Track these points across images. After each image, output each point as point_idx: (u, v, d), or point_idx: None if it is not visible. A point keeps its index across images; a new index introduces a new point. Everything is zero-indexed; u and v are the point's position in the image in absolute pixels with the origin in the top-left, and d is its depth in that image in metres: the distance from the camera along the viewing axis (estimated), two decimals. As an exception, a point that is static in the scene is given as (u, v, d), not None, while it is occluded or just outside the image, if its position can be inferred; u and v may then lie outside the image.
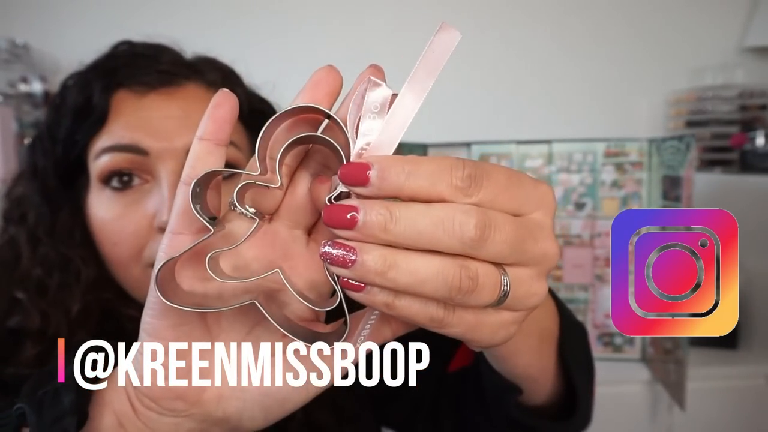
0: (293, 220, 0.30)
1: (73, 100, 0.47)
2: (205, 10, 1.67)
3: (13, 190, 0.53)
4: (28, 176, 0.51)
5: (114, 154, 0.46)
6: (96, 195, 0.48)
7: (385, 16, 1.71)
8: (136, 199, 0.47)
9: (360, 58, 1.75)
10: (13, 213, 0.51)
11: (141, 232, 0.47)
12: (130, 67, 0.47)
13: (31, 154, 0.51)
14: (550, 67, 1.74)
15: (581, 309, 1.30)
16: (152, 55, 0.48)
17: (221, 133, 0.28)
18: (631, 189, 1.26)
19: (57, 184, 0.50)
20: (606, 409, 1.26)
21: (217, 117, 0.28)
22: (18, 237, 0.49)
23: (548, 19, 1.73)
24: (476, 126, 1.71)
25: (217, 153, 0.28)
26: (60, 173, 0.50)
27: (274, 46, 1.69)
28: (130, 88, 0.47)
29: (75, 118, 0.47)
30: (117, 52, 0.49)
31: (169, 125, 0.46)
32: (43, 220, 0.49)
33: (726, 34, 1.73)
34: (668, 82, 1.73)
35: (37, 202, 0.50)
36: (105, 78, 0.47)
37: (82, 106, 0.47)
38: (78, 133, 0.47)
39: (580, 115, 1.74)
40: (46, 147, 0.50)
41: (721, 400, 1.23)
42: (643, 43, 1.73)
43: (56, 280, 0.48)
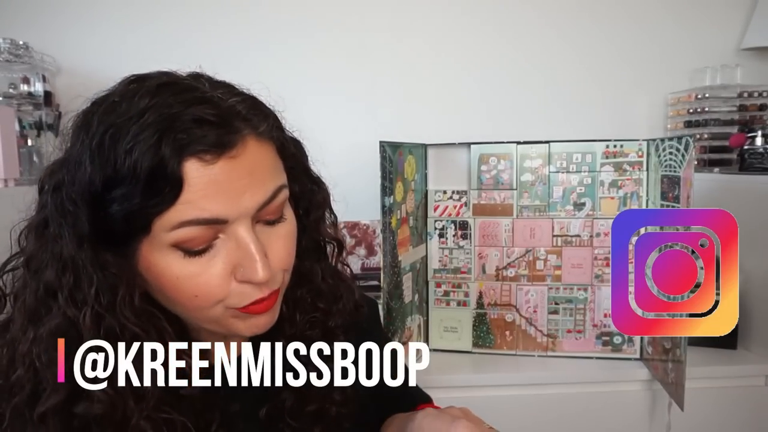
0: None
1: (141, 168, 0.44)
2: (204, 12, 1.67)
3: (44, 254, 0.49)
4: (70, 243, 0.48)
5: (193, 228, 0.47)
6: (168, 256, 0.48)
7: (386, 15, 1.71)
8: (213, 255, 0.49)
9: (360, 58, 1.75)
10: (58, 284, 0.48)
11: (222, 285, 0.49)
12: (194, 135, 0.46)
13: (65, 216, 0.48)
14: (550, 68, 1.74)
15: (581, 309, 1.31)
16: (214, 122, 0.47)
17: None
18: (630, 189, 1.26)
19: (109, 248, 0.48)
20: (605, 408, 1.27)
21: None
22: (75, 315, 0.47)
23: (548, 21, 1.73)
24: (476, 126, 1.71)
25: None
26: (111, 236, 0.48)
27: (274, 45, 1.69)
28: (199, 157, 0.46)
29: (146, 189, 0.45)
30: (173, 111, 0.46)
31: (240, 189, 0.47)
32: (104, 292, 0.48)
33: (725, 34, 1.74)
34: (667, 83, 1.74)
35: (93, 274, 0.48)
36: (173, 147, 0.45)
37: (152, 176, 0.45)
38: (150, 204, 0.46)
39: (579, 115, 1.74)
40: (91, 210, 0.47)
41: (720, 399, 1.24)
42: (642, 44, 1.74)
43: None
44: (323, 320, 0.60)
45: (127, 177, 0.45)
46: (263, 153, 0.50)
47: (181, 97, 0.47)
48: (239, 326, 0.52)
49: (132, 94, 0.48)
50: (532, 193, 1.30)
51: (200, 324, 0.53)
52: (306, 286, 0.59)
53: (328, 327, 0.60)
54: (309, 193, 0.59)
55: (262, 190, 0.49)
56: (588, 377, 1.26)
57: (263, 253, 0.49)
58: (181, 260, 0.48)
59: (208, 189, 0.46)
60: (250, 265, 0.48)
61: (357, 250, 1.73)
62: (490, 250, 1.33)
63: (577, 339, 1.31)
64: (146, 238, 0.48)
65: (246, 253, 0.48)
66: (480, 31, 1.73)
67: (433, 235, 1.36)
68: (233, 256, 0.49)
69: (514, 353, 1.34)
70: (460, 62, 1.73)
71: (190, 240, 0.47)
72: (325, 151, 0.61)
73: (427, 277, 1.37)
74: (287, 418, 0.57)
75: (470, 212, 1.33)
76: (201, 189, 0.46)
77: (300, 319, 0.59)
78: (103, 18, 1.65)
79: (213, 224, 0.47)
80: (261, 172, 0.49)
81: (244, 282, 0.49)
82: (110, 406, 0.47)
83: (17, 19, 1.62)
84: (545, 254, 1.31)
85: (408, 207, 1.25)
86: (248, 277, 0.49)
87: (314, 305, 0.60)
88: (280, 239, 0.52)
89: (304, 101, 1.68)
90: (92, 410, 0.47)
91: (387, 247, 1.13)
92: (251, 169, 0.48)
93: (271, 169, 0.50)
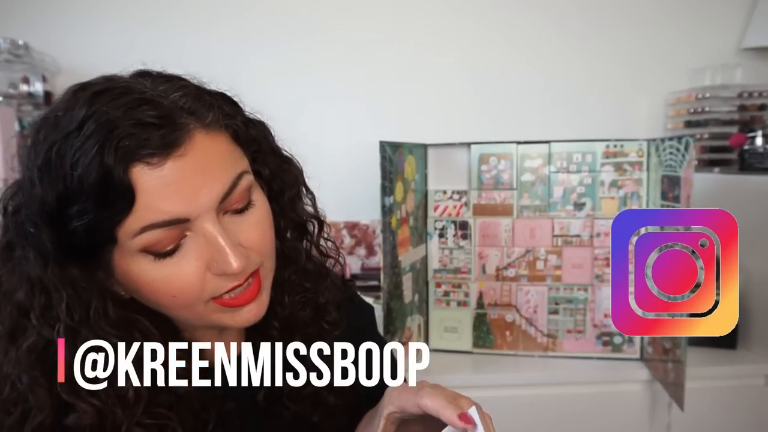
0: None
1: (89, 182, 0.44)
2: (203, 11, 1.67)
3: (12, 276, 0.49)
4: (36, 263, 0.48)
5: (156, 231, 0.46)
6: (137, 261, 0.48)
7: (386, 15, 1.71)
8: (184, 253, 0.48)
9: (361, 58, 1.75)
10: (29, 304, 0.48)
11: (198, 282, 0.49)
12: (137, 140, 0.45)
13: (26, 238, 0.48)
14: (550, 68, 1.74)
15: (581, 309, 1.31)
16: (156, 124, 0.46)
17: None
18: (631, 189, 1.26)
19: (76, 263, 0.48)
20: (605, 408, 1.27)
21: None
22: (50, 333, 0.47)
23: (548, 21, 1.73)
24: (476, 126, 1.71)
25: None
26: (77, 251, 0.48)
27: (274, 45, 1.69)
28: (146, 161, 0.45)
29: (99, 202, 0.45)
30: (111, 118, 0.45)
31: (195, 186, 0.47)
32: (75, 308, 0.48)
33: (725, 34, 1.74)
34: (667, 83, 1.74)
35: (63, 291, 0.48)
36: (117, 156, 0.44)
37: (102, 189, 0.44)
38: (106, 217, 0.45)
39: (579, 115, 1.74)
40: (50, 230, 0.47)
41: (720, 399, 1.24)
42: (642, 44, 1.74)
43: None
44: (313, 298, 0.60)
45: (77, 192, 0.45)
46: (214, 145, 0.49)
47: (119, 102, 0.46)
48: (226, 320, 0.52)
49: (72, 105, 0.47)
50: (532, 193, 1.30)
51: (190, 322, 0.53)
52: (291, 267, 0.59)
53: (320, 304, 0.60)
54: (280, 173, 0.58)
55: (220, 183, 0.48)
56: (588, 377, 1.26)
57: (233, 243, 0.48)
58: (153, 264, 0.48)
59: (161, 191, 0.46)
60: (222, 258, 0.48)
61: (357, 250, 1.73)
62: (490, 250, 1.33)
63: (577, 339, 1.31)
64: (115, 248, 0.48)
65: (216, 247, 0.48)
66: (480, 31, 1.73)
67: (433, 235, 1.36)
68: (204, 251, 0.48)
69: (515, 353, 1.34)
70: (461, 62, 1.73)
71: (157, 243, 0.47)
72: (325, 151, 0.61)
73: (427, 278, 1.37)
74: (286, 400, 0.58)
75: (470, 212, 1.33)
76: (154, 193, 0.45)
77: (290, 300, 0.59)
78: (104, 18, 1.65)
79: (175, 224, 0.47)
80: (214, 165, 0.48)
81: (220, 275, 0.49)
82: (97, 417, 0.47)
83: (17, 19, 1.62)
84: (545, 254, 1.31)
85: (408, 207, 1.25)
86: (223, 270, 0.48)
87: (302, 285, 0.60)
88: (251, 226, 0.51)
89: (305, 101, 1.68)
90: (83, 421, 0.47)
91: (387, 247, 1.13)
92: (204, 164, 0.47)
93: (225, 160, 0.49)
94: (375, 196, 1.11)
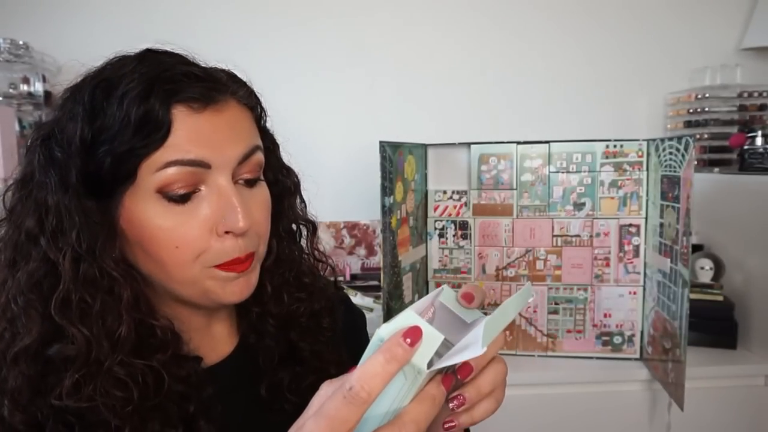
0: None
1: (131, 112, 0.47)
2: (204, 12, 1.67)
3: (27, 204, 0.51)
4: (56, 190, 0.49)
5: (180, 168, 0.49)
6: (151, 204, 0.49)
7: (386, 15, 1.72)
8: (195, 205, 0.51)
9: (361, 58, 1.75)
10: (39, 229, 0.49)
11: (204, 236, 0.51)
12: (184, 85, 0.49)
13: (53, 165, 0.50)
14: (550, 68, 1.74)
15: (581, 309, 1.31)
16: (203, 77, 0.51)
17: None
18: (630, 189, 1.26)
19: (93, 197, 0.50)
20: (605, 408, 1.27)
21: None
22: (56, 256, 0.48)
23: (548, 21, 1.73)
24: (476, 126, 1.72)
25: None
26: (97, 185, 0.49)
27: (274, 46, 1.70)
28: (188, 104, 0.49)
29: (136, 131, 0.47)
30: (164, 66, 0.50)
31: (222, 140, 0.51)
32: (85, 237, 0.49)
33: (725, 34, 1.74)
34: (667, 83, 1.74)
35: (76, 218, 0.49)
36: (164, 93, 0.48)
37: (142, 120, 0.47)
38: (139, 146, 0.48)
39: (579, 115, 1.74)
40: (79, 158, 0.49)
41: (720, 399, 1.24)
42: (642, 44, 1.74)
43: (99, 301, 0.49)
44: (308, 299, 0.62)
45: (117, 123, 0.48)
46: (243, 115, 0.54)
47: (170, 57, 0.52)
48: (216, 290, 0.53)
49: (122, 58, 0.52)
50: (532, 193, 1.30)
51: (177, 290, 0.53)
52: (287, 267, 0.62)
53: (315, 309, 0.63)
54: (282, 180, 0.62)
55: (243, 144, 0.52)
56: (588, 377, 1.26)
57: (244, 204, 0.51)
58: (164, 208, 0.50)
59: (193, 135, 0.49)
60: (232, 214, 0.50)
61: (357, 250, 1.73)
62: (490, 250, 1.33)
63: (577, 339, 1.31)
64: (131, 188, 0.49)
65: (227, 203, 0.51)
66: (480, 31, 1.73)
67: (433, 235, 1.36)
68: (215, 206, 0.51)
69: (514, 353, 1.34)
70: (461, 62, 1.73)
71: (174, 182, 0.49)
72: (325, 151, 0.62)
73: (427, 277, 1.37)
74: (287, 393, 0.59)
75: (470, 212, 1.33)
76: (187, 135, 0.49)
77: (287, 299, 0.61)
78: (104, 18, 1.65)
79: (197, 166, 0.49)
80: (241, 129, 0.53)
81: (225, 234, 0.51)
82: (86, 345, 0.48)
83: (17, 19, 1.62)
84: (545, 254, 1.31)
85: (408, 207, 1.25)
86: (230, 226, 0.51)
87: (298, 284, 0.62)
88: (257, 203, 0.54)
89: (305, 101, 1.68)
90: (65, 352, 0.48)
91: (387, 247, 1.13)
92: (233, 125, 0.52)
93: (249, 129, 0.54)
94: (375, 196, 1.11)
